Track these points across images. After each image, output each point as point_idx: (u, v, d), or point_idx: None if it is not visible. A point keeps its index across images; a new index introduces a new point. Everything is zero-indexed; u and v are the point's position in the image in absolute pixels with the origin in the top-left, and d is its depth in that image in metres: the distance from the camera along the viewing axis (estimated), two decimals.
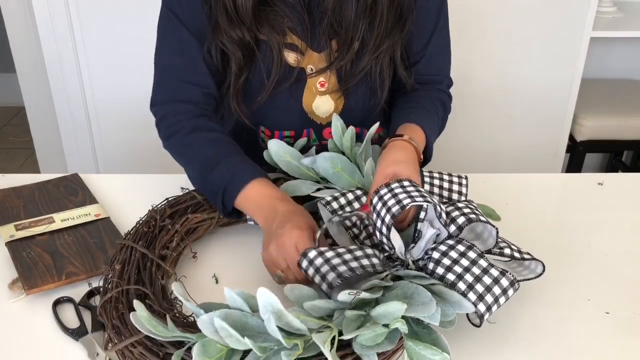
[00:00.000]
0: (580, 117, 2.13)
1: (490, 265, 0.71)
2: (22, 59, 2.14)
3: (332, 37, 0.99)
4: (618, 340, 0.75)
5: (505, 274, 0.70)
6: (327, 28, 0.98)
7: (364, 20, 0.96)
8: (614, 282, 0.85)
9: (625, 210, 1.03)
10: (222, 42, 0.96)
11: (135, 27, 1.88)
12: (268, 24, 0.96)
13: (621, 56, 2.40)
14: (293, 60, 1.00)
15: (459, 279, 0.69)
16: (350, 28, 0.97)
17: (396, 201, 0.74)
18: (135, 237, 0.84)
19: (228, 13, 0.94)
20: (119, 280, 0.76)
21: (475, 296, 0.68)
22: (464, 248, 0.72)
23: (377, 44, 0.98)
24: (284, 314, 0.61)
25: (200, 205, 0.94)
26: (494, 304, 0.69)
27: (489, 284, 0.69)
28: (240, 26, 0.94)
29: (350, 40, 0.97)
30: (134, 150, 2.07)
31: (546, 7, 1.91)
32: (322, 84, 1.04)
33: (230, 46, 0.96)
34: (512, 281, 0.70)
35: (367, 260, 0.73)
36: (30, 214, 0.98)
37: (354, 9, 0.95)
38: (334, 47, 1.00)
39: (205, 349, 0.61)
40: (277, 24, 0.96)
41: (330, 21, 0.97)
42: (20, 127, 3.06)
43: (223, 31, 0.95)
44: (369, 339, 0.63)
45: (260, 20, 0.95)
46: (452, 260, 0.71)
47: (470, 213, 0.77)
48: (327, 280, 0.70)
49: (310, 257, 0.73)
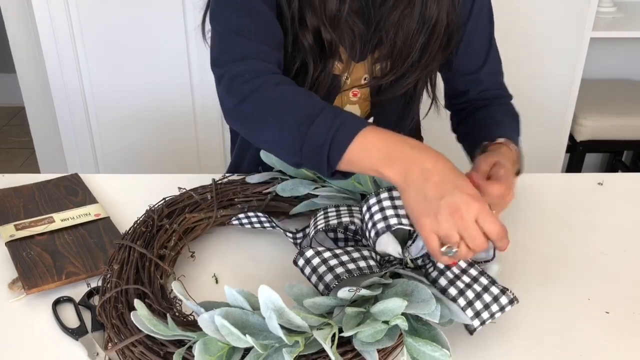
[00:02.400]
0: (580, 117, 2.13)
1: (491, 282, 0.71)
2: (22, 59, 2.14)
3: (376, 48, 0.98)
4: (618, 340, 0.75)
5: (506, 292, 0.71)
6: (377, 40, 0.95)
7: (422, 37, 0.95)
8: (614, 282, 0.85)
9: (625, 210, 1.03)
10: (309, 40, 0.91)
11: (135, 27, 1.88)
12: (340, 30, 0.92)
13: (621, 56, 2.40)
14: (337, 69, 0.97)
15: (460, 294, 0.70)
16: (408, 44, 0.95)
17: (382, 217, 0.74)
18: (133, 237, 0.84)
19: (319, 13, 0.90)
20: (117, 280, 0.76)
21: (473, 312, 0.69)
22: (465, 265, 0.73)
23: (427, 63, 0.97)
24: (285, 311, 0.61)
25: (198, 205, 0.94)
26: (490, 319, 0.70)
27: (487, 302, 0.70)
28: (329, 30, 0.91)
29: (405, 56, 0.96)
30: (134, 150, 2.07)
31: (546, 7, 1.91)
32: (355, 94, 1.02)
33: (316, 46, 0.92)
34: (512, 299, 0.71)
35: (364, 262, 0.73)
36: (30, 214, 0.98)
37: (415, 24, 0.93)
38: (374, 58, 0.98)
39: (206, 347, 0.61)
40: (347, 31, 0.93)
41: (386, 34, 0.94)
42: (20, 127, 3.06)
43: (310, 31, 0.90)
44: (369, 336, 0.63)
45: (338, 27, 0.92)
46: (454, 275, 0.71)
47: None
48: (325, 281, 0.70)
49: (307, 256, 0.73)
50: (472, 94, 1.08)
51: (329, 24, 0.91)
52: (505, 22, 1.97)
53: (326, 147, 0.73)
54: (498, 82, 1.09)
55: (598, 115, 2.14)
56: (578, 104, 2.09)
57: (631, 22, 2.16)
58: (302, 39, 0.91)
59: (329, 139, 0.73)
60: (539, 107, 2.05)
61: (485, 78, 1.06)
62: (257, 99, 0.80)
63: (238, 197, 0.96)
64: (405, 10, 0.93)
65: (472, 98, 1.08)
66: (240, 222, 0.92)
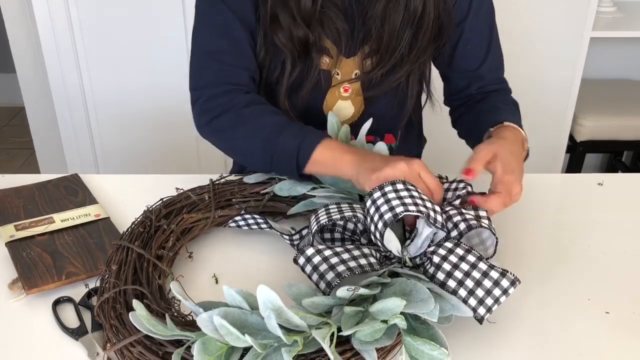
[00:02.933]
0: (580, 117, 2.13)
1: (490, 267, 0.70)
2: (22, 59, 2.14)
3: (365, 43, 0.98)
4: (618, 340, 0.75)
5: (506, 274, 0.70)
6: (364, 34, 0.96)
7: (409, 30, 0.95)
8: (614, 282, 0.85)
9: (625, 210, 1.03)
10: (281, 39, 0.93)
11: (135, 28, 1.88)
12: (320, 26, 0.94)
13: (621, 56, 2.40)
14: (325, 64, 0.98)
15: (459, 285, 0.69)
16: (395, 37, 0.95)
17: (389, 207, 0.73)
18: (131, 238, 0.84)
19: (290, 11, 0.92)
20: (115, 280, 0.76)
21: (476, 301, 0.69)
22: (462, 251, 0.72)
23: (417, 56, 0.97)
24: (283, 310, 0.61)
25: (195, 205, 0.94)
26: (495, 304, 0.69)
27: (489, 287, 0.69)
28: (303, 26, 0.92)
29: (392, 49, 0.96)
30: (134, 150, 2.07)
31: (546, 7, 1.91)
32: (346, 89, 1.02)
33: (289, 44, 0.94)
34: (513, 280, 0.70)
35: (365, 259, 0.73)
36: (30, 214, 0.98)
37: (401, 17, 0.93)
38: (364, 52, 0.98)
39: (205, 347, 0.61)
40: (329, 26, 0.94)
41: (373, 28, 0.95)
42: (20, 127, 3.06)
43: (286, 29, 0.92)
44: (368, 335, 0.63)
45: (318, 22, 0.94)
46: (452, 265, 0.71)
47: (472, 219, 0.76)
48: (326, 279, 0.70)
49: (308, 254, 0.73)
50: (472, 89, 1.07)
51: (304, 21, 0.92)
52: (506, 22, 1.97)
53: (295, 154, 0.86)
54: (499, 77, 1.09)
55: (598, 116, 2.14)
56: (578, 104, 2.09)
57: (631, 22, 2.16)
58: (275, 38, 0.93)
59: (296, 147, 0.86)
60: (539, 107, 2.05)
61: (486, 74, 1.06)
62: (228, 118, 0.93)
63: (236, 197, 0.96)
64: (390, 2, 0.93)
65: (472, 93, 1.08)
66: (237, 224, 0.92)
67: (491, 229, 0.76)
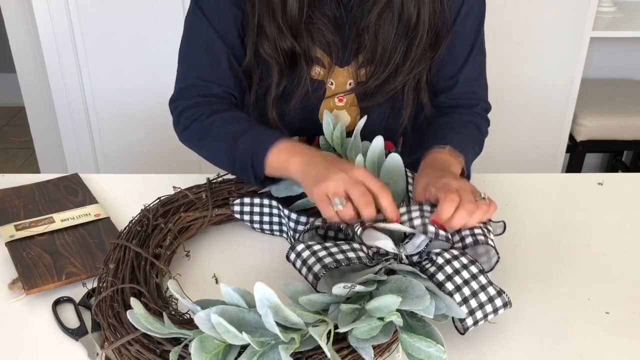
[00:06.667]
0: (580, 117, 2.13)
1: (489, 283, 0.71)
2: (22, 59, 2.15)
3: (358, 53, 0.97)
4: (618, 340, 0.75)
5: (502, 294, 0.71)
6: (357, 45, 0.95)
7: (403, 41, 0.94)
8: (614, 282, 0.85)
9: (625, 210, 1.03)
10: (267, 49, 0.94)
11: (135, 28, 1.88)
12: (309, 37, 0.94)
13: (621, 56, 2.40)
14: (317, 74, 0.98)
15: (456, 290, 0.70)
16: (388, 48, 0.94)
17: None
18: (128, 237, 0.84)
19: (277, 22, 0.92)
20: (113, 279, 0.76)
21: (467, 310, 0.69)
22: (467, 261, 0.72)
23: (412, 66, 0.96)
24: (281, 308, 0.61)
25: (193, 204, 0.94)
26: (483, 319, 0.70)
27: (483, 301, 0.70)
28: (289, 37, 0.92)
29: (387, 60, 0.95)
30: (134, 150, 2.07)
31: (546, 7, 1.91)
32: (341, 99, 1.01)
33: (275, 55, 0.94)
34: (506, 302, 0.71)
35: (354, 253, 0.74)
36: (30, 214, 0.98)
37: (394, 28, 0.92)
38: (358, 62, 0.98)
39: (203, 345, 0.61)
40: (318, 37, 0.94)
41: (366, 39, 0.94)
42: (20, 127, 3.06)
43: (271, 40, 0.93)
44: (364, 332, 0.63)
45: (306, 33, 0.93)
46: (454, 270, 0.71)
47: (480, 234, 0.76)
48: (313, 271, 0.70)
49: (298, 250, 0.74)
50: (442, 98, 1.04)
51: (291, 32, 0.92)
52: (506, 22, 1.98)
53: (249, 162, 0.88)
54: (473, 91, 1.04)
55: (598, 115, 2.14)
56: (578, 104, 2.09)
57: (631, 22, 2.16)
58: (260, 48, 0.94)
59: (249, 156, 0.87)
60: (539, 107, 2.05)
61: (460, 83, 1.02)
62: (195, 128, 0.96)
63: (233, 196, 0.96)
64: (383, 13, 0.92)
65: (441, 102, 1.04)
66: (241, 209, 0.92)
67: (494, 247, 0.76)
